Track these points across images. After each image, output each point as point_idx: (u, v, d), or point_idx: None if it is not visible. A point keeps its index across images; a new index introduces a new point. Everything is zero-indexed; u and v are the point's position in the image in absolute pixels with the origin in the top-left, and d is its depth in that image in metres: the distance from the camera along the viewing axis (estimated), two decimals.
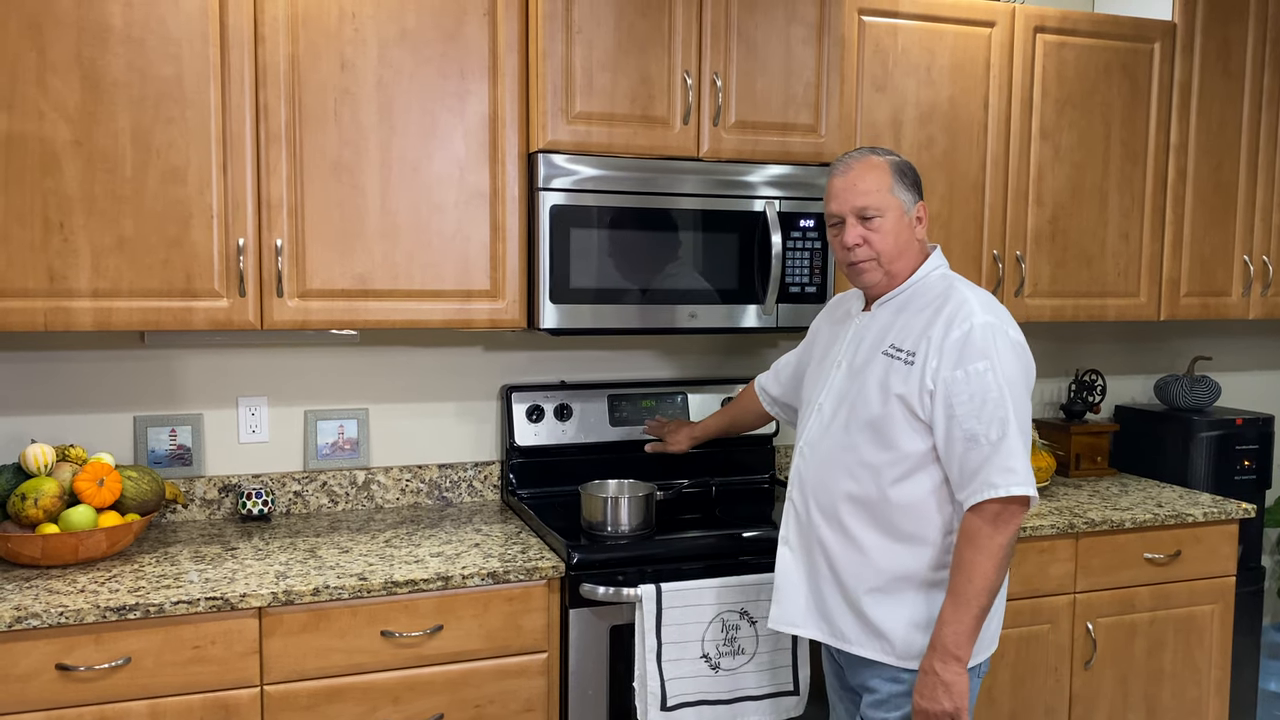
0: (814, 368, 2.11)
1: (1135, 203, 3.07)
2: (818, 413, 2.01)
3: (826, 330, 2.14)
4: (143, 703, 1.97)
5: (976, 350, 1.81)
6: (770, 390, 2.43)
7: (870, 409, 1.89)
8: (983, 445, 1.78)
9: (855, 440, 1.91)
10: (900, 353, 1.88)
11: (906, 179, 1.94)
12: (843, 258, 1.97)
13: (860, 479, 1.91)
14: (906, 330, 1.90)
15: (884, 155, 1.95)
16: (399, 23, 2.33)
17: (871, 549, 1.91)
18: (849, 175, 1.93)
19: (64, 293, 2.14)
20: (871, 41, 2.75)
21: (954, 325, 1.84)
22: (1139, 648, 2.79)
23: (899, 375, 1.87)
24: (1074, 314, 3.04)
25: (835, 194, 1.95)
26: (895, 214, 1.92)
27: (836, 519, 1.94)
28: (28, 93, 2.10)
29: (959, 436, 1.81)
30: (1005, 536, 1.79)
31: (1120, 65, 3.01)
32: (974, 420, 1.79)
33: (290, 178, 2.28)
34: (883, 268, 1.94)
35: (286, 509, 2.68)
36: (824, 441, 1.97)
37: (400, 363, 2.77)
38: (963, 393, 1.80)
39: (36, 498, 2.14)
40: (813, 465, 1.98)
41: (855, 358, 1.97)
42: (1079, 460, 3.23)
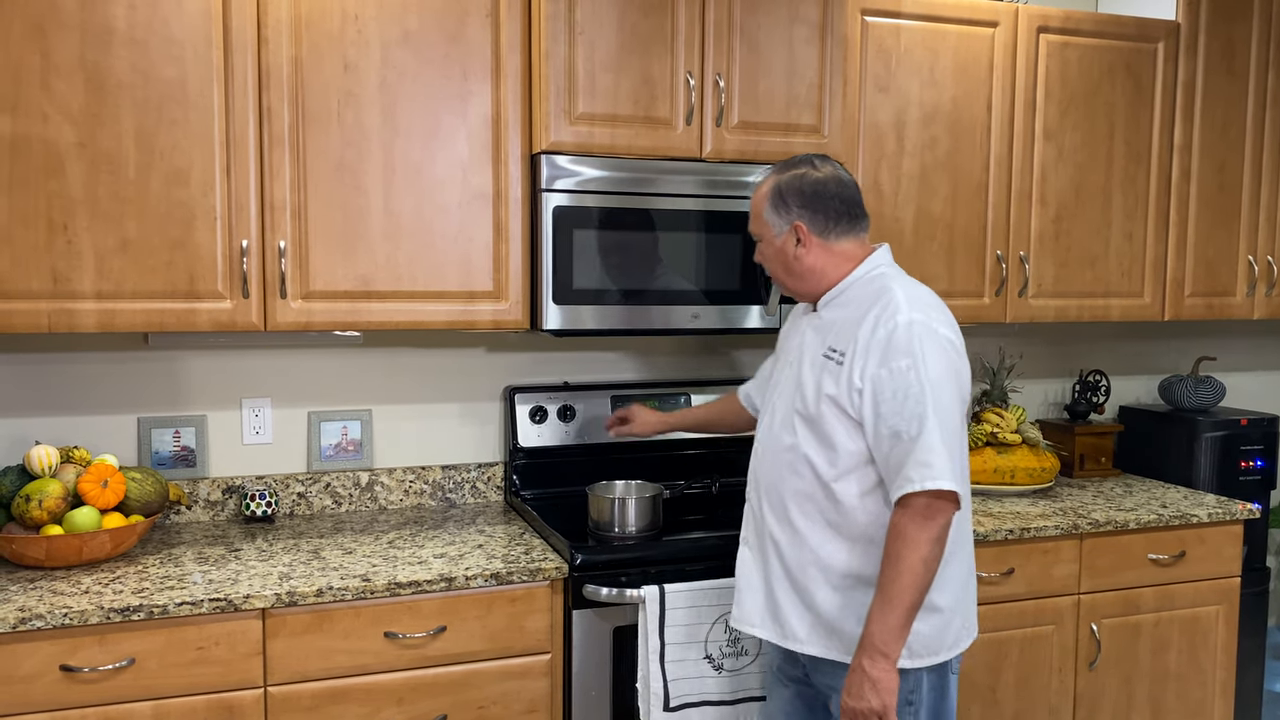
0: (776, 371, 2.12)
1: (1139, 203, 3.07)
2: (770, 412, 2.03)
3: (789, 331, 2.15)
4: (146, 704, 1.98)
5: (900, 348, 1.81)
6: (753, 396, 2.42)
7: (808, 408, 1.91)
8: (903, 440, 1.78)
9: (797, 437, 1.93)
10: (833, 354, 1.90)
11: (780, 204, 1.94)
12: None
13: (803, 474, 1.92)
14: (841, 331, 1.91)
15: (776, 175, 1.97)
16: (401, 24, 2.33)
17: (819, 545, 1.91)
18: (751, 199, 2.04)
19: (68, 294, 2.15)
20: (874, 42, 2.75)
21: (880, 324, 1.84)
22: (1143, 649, 2.78)
23: (831, 376, 1.89)
24: (1078, 314, 3.03)
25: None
26: (768, 239, 1.98)
27: (786, 516, 1.95)
28: (32, 95, 2.10)
29: (885, 434, 1.81)
30: (930, 532, 1.76)
31: (1124, 65, 3.00)
32: (897, 417, 1.79)
33: (293, 179, 2.28)
34: (787, 283, 2.01)
35: (290, 510, 2.68)
36: (774, 442, 1.98)
37: (403, 364, 2.77)
38: (886, 390, 1.81)
39: (41, 499, 2.14)
40: (764, 463, 2.00)
41: (803, 358, 1.98)
42: (1083, 461, 3.23)
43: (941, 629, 1.90)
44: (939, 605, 1.88)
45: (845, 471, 1.88)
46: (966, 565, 1.97)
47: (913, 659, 1.87)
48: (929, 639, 1.88)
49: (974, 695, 2.61)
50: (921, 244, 2.84)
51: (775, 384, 2.08)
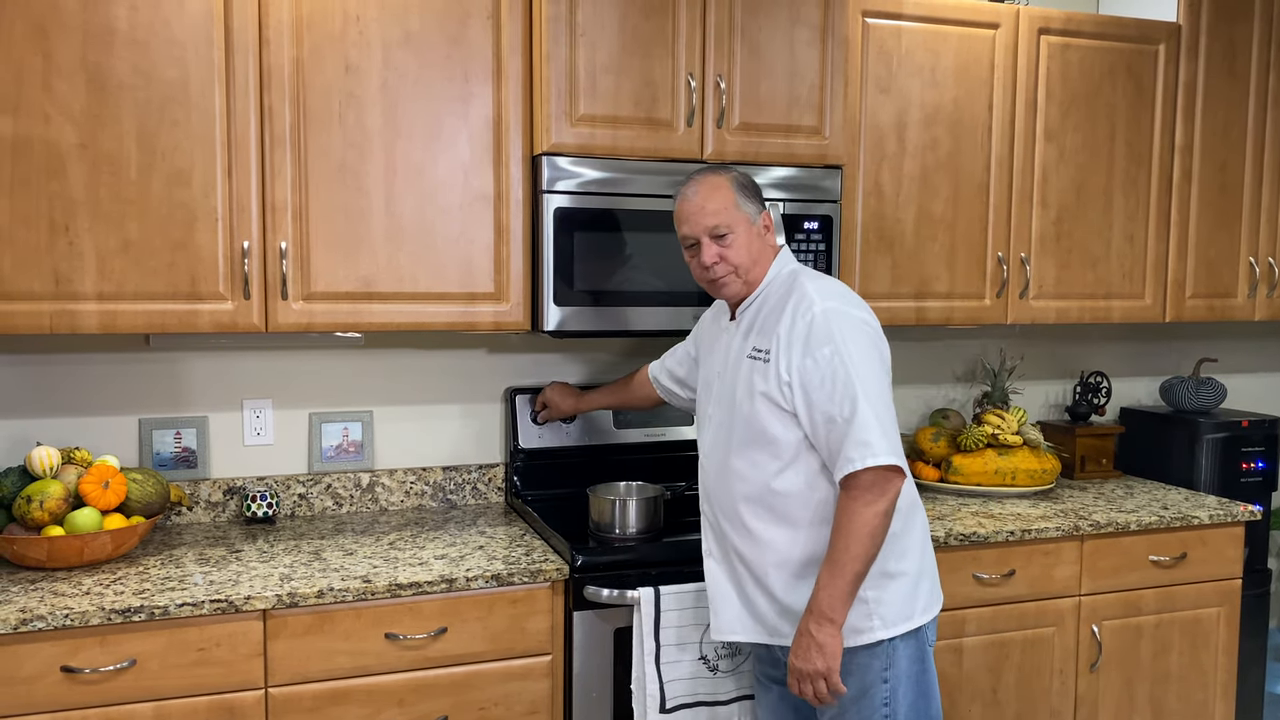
0: (703, 381, 2.17)
1: (1140, 204, 3.07)
2: (710, 424, 2.08)
3: (708, 339, 2.20)
4: (148, 705, 1.98)
5: (820, 337, 1.89)
6: (662, 379, 2.48)
7: (742, 410, 1.97)
8: (838, 424, 1.85)
9: (738, 443, 1.99)
10: (759, 353, 1.96)
11: (748, 192, 2.02)
12: (702, 275, 2.04)
13: (748, 478, 1.98)
14: (763, 331, 1.98)
15: (724, 173, 2.03)
16: (403, 26, 2.33)
17: (775, 541, 1.97)
18: (696, 199, 2.00)
19: (69, 295, 2.15)
20: (875, 43, 2.75)
21: (798, 317, 1.92)
22: (1145, 650, 2.78)
23: (760, 374, 1.95)
24: (1079, 316, 3.03)
25: (685, 218, 2.01)
26: (744, 227, 2.00)
27: (740, 521, 2.00)
28: (33, 96, 2.10)
29: (820, 420, 1.89)
30: (877, 506, 1.83)
31: (1125, 66, 3.00)
32: (828, 402, 1.87)
33: (295, 181, 2.28)
34: (741, 278, 2.01)
35: (291, 511, 2.68)
36: (716, 451, 2.04)
37: (404, 365, 2.77)
38: (813, 378, 1.88)
39: (42, 500, 2.14)
40: (712, 475, 2.06)
41: (728, 366, 2.05)
42: (1084, 462, 3.22)
43: (910, 594, 1.97)
44: (904, 570, 1.96)
45: (787, 463, 1.94)
46: (922, 530, 2.04)
47: (888, 627, 1.93)
48: (900, 605, 1.95)
49: (975, 696, 2.61)
50: (923, 245, 2.84)
51: (707, 396, 2.12)
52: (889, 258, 2.81)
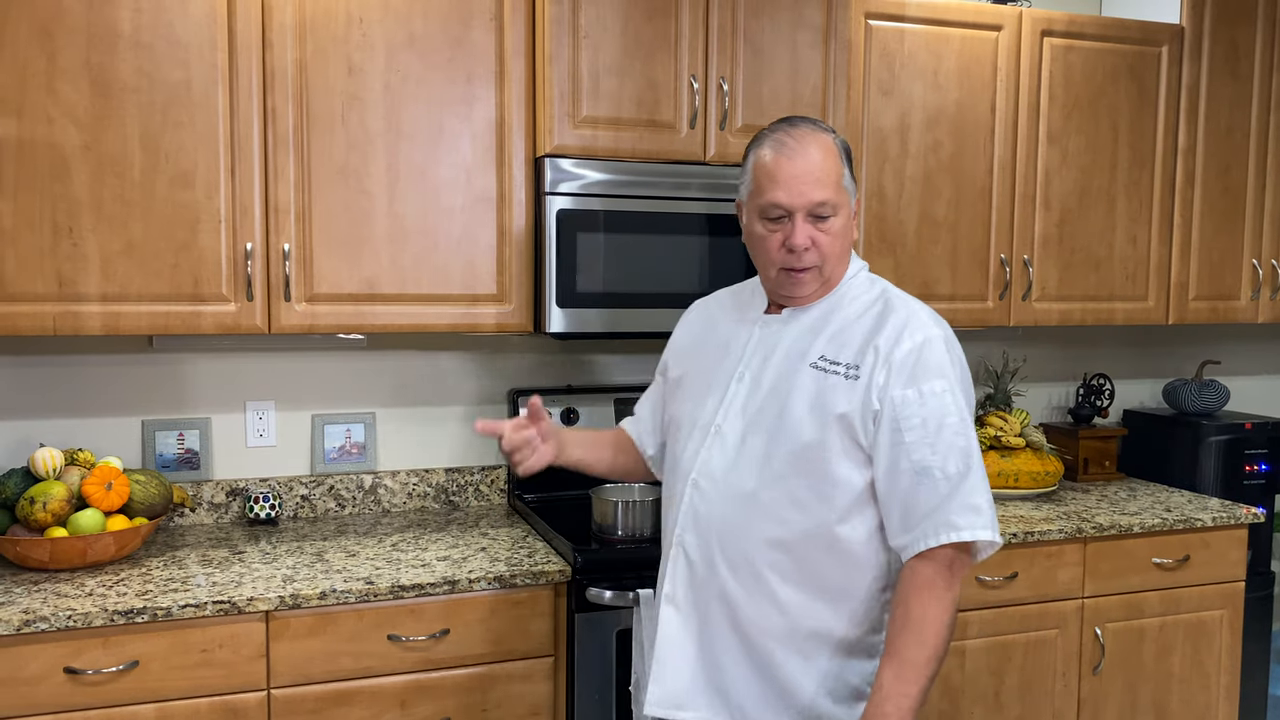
0: (693, 381, 1.74)
1: (1143, 206, 3.06)
2: (716, 438, 1.65)
3: (706, 334, 1.79)
4: (150, 706, 1.98)
5: (933, 367, 1.54)
6: (646, 441, 1.96)
7: (800, 434, 1.57)
8: (937, 480, 1.51)
9: (781, 473, 1.58)
10: (837, 366, 1.57)
11: (850, 164, 1.65)
12: (778, 260, 1.61)
13: (789, 522, 1.58)
14: (842, 339, 1.60)
15: (828, 132, 1.62)
16: (406, 28, 2.33)
17: (791, 606, 1.60)
18: (807, 160, 1.57)
19: (73, 297, 2.15)
20: (878, 45, 2.75)
21: (904, 336, 1.55)
22: (1148, 653, 2.77)
23: (841, 392, 1.55)
24: (1081, 318, 3.03)
25: (785, 180, 1.57)
26: (846, 211, 1.62)
27: (752, 571, 1.60)
28: (37, 98, 2.11)
29: (906, 469, 1.52)
30: (957, 590, 1.52)
31: (1127, 69, 3.00)
32: (927, 449, 1.51)
33: (298, 182, 2.29)
34: (823, 275, 1.62)
35: (294, 513, 2.69)
36: (734, 475, 1.61)
37: (407, 367, 2.78)
38: (914, 416, 1.52)
39: (45, 501, 2.15)
40: (718, 505, 1.62)
41: (765, 371, 1.64)
42: (1087, 465, 3.22)
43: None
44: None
45: (847, 513, 1.57)
46: None
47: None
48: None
49: (977, 699, 2.61)
50: (925, 247, 2.84)
51: (704, 400, 1.69)
52: (891, 259, 2.81)
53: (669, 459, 1.79)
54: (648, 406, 1.97)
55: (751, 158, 1.64)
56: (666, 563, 1.71)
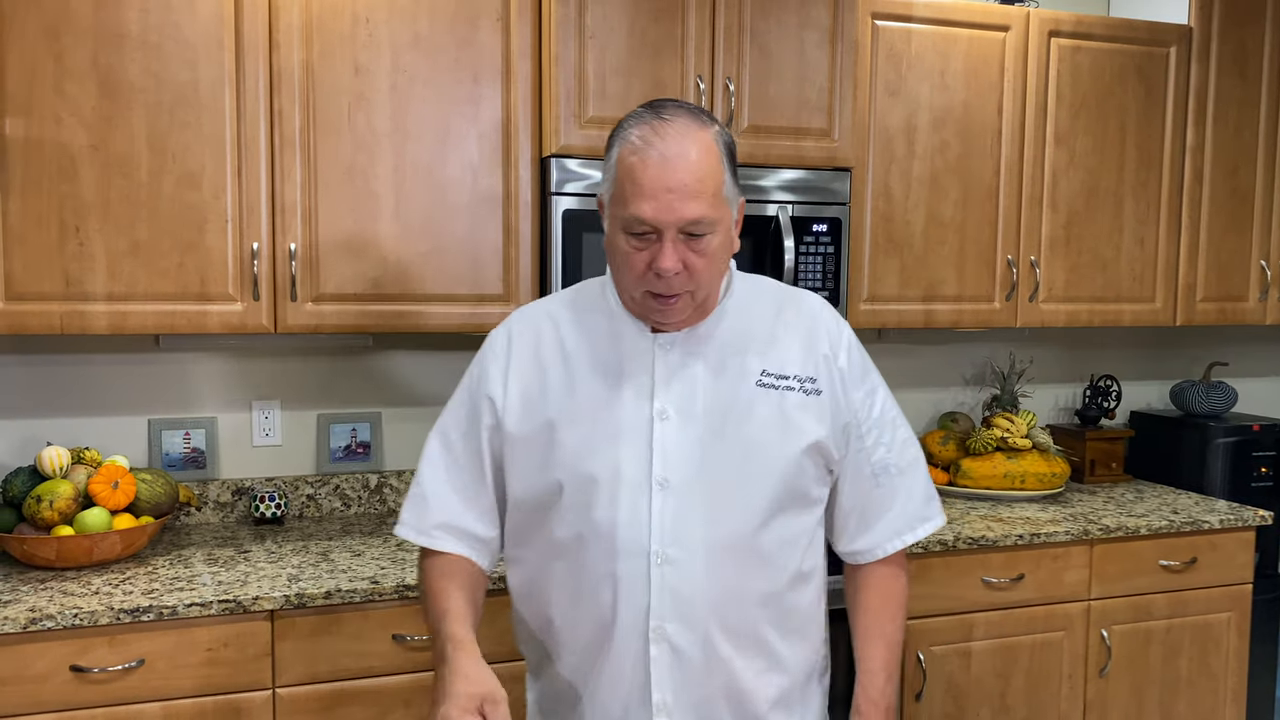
0: (577, 428, 1.38)
1: (1151, 208, 3.05)
2: (664, 496, 1.35)
3: (570, 365, 1.42)
4: (156, 705, 1.98)
5: (864, 363, 1.48)
6: (484, 558, 1.49)
7: (778, 466, 1.38)
8: (894, 476, 1.47)
9: (767, 517, 1.38)
10: (788, 380, 1.40)
11: (735, 166, 1.36)
12: (642, 283, 1.33)
13: (783, 566, 1.40)
14: (775, 347, 1.42)
15: (710, 124, 1.33)
16: (412, 28, 2.34)
17: (788, 659, 1.43)
18: (678, 166, 1.28)
19: (80, 296, 2.16)
20: (885, 45, 2.74)
21: (837, 334, 1.46)
22: (1154, 655, 2.77)
23: (809, 411, 1.39)
24: (1089, 319, 3.02)
25: (652, 192, 1.28)
26: (726, 226, 1.34)
27: (755, 639, 1.40)
28: (45, 98, 2.11)
29: (867, 474, 1.45)
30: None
31: (1135, 69, 2.99)
32: (884, 449, 1.46)
33: (304, 182, 2.29)
34: (695, 301, 1.36)
35: (299, 512, 2.69)
36: (715, 535, 1.36)
37: (412, 367, 2.78)
38: (869, 418, 1.45)
39: (52, 500, 2.15)
40: (703, 575, 1.36)
41: (693, 402, 1.38)
42: (1094, 466, 3.21)
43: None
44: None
45: (811, 541, 1.45)
46: None
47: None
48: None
49: (983, 701, 2.60)
50: (931, 248, 2.83)
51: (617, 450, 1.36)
52: (898, 260, 2.80)
53: (560, 535, 1.39)
54: (453, 489, 1.46)
55: (615, 150, 1.33)
56: (626, 667, 1.37)
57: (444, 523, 1.47)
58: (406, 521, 1.50)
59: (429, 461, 1.50)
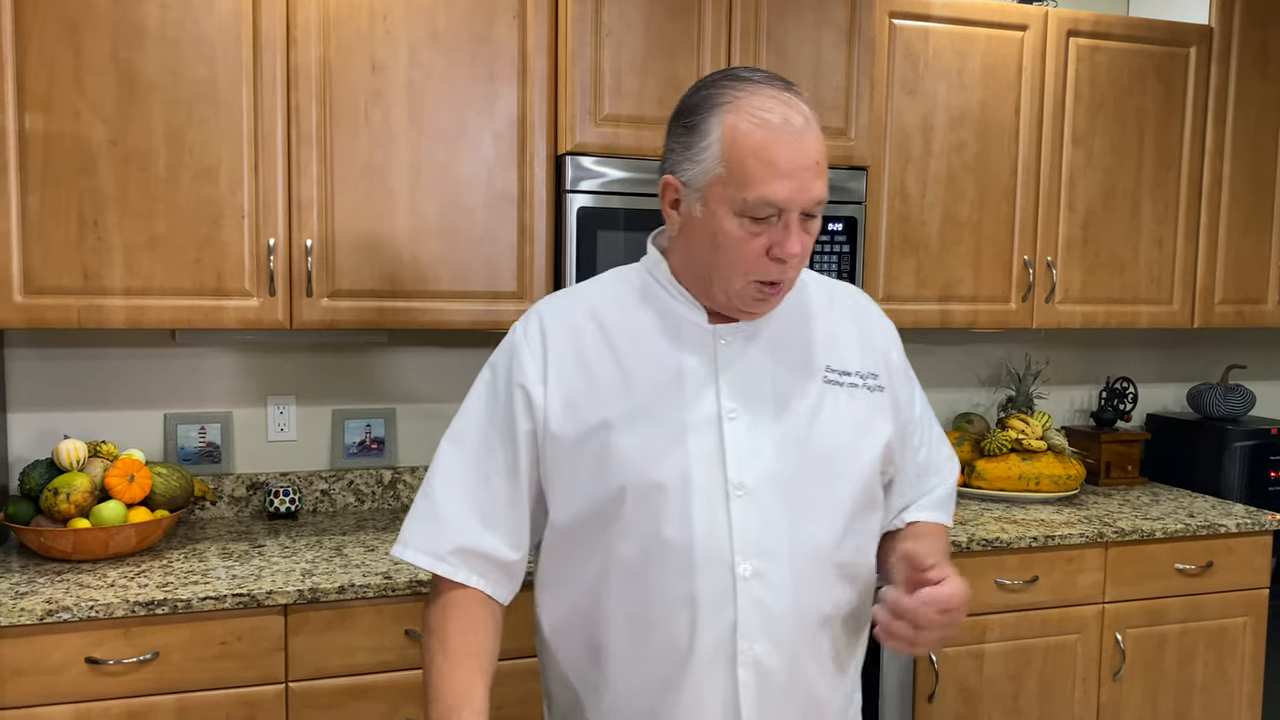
0: (635, 430, 1.25)
1: (1169, 209, 3.03)
2: (746, 503, 1.23)
3: (620, 360, 1.28)
4: (170, 697, 1.99)
5: (906, 359, 1.42)
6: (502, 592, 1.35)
7: (857, 467, 1.29)
8: (930, 475, 1.45)
9: (850, 522, 1.30)
10: (851, 376, 1.32)
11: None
12: (755, 270, 1.21)
13: (854, 573, 1.32)
14: (833, 340, 1.33)
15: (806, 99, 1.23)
16: (429, 25, 2.34)
17: (850, 664, 1.37)
18: (809, 140, 1.18)
19: (97, 290, 2.17)
20: (902, 44, 2.73)
21: (886, 329, 1.40)
22: (1169, 659, 2.75)
23: (876, 408, 1.32)
24: (1105, 321, 3.00)
25: (788, 170, 1.16)
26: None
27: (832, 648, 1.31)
28: (65, 92, 2.13)
29: (912, 475, 1.41)
30: None
31: (1154, 69, 2.97)
32: (925, 449, 1.42)
33: (320, 178, 2.30)
34: (790, 289, 1.29)
35: (313, 507, 2.70)
36: (801, 544, 1.25)
37: (427, 363, 2.78)
38: (913, 417, 1.40)
39: (68, 493, 2.17)
40: (791, 590, 1.25)
41: (760, 400, 1.27)
42: (1109, 469, 3.19)
43: None
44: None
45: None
46: None
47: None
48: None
49: (996, 703, 2.59)
50: (947, 248, 2.82)
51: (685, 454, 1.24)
52: (914, 260, 2.79)
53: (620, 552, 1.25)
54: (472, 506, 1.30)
55: (716, 121, 1.19)
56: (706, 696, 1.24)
57: (462, 547, 1.29)
58: (414, 544, 1.30)
59: (443, 474, 1.32)
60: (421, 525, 1.31)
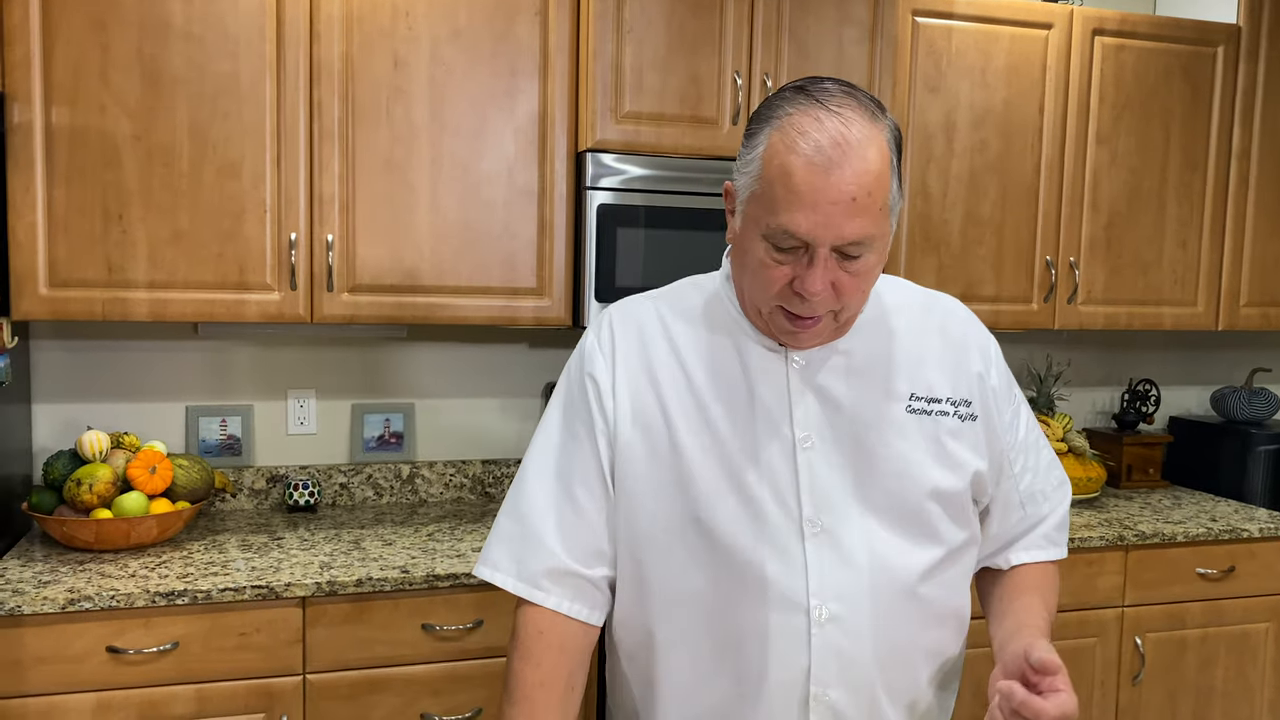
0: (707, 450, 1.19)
1: (1194, 210, 3.00)
2: (822, 542, 1.17)
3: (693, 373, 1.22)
4: (189, 687, 2.01)
5: (1009, 378, 1.31)
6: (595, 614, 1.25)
7: (940, 504, 1.21)
8: (1039, 503, 1.33)
9: (936, 563, 1.22)
10: (940, 404, 1.22)
11: (901, 162, 1.14)
12: (776, 298, 1.14)
13: (941, 615, 1.25)
14: (921, 364, 1.23)
15: (881, 117, 1.12)
16: (451, 22, 2.35)
17: (938, 711, 1.30)
18: (848, 175, 1.06)
19: (121, 283, 2.19)
20: (925, 42, 2.72)
21: (987, 347, 1.29)
22: (1189, 664, 2.72)
23: (964, 439, 1.23)
24: (1128, 322, 2.98)
25: (812, 203, 1.07)
26: (884, 242, 1.13)
27: (917, 694, 1.25)
28: (91, 87, 2.15)
29: (1015, 503, 1.30)
30: None
31: (1181, 69, 2.94)
32: (1030, 475, 1.31)
33: (342, 174, 2.31)
34: (838, 322, 1.17)
35: (332, 500, 2.72)
36: (881, 588, 1.19)
37: (446, 358, 2.79)
38: (1014, 443, 1.29)
39: (91, 483, 2.19)
40: (870, 636, 1.18)
41: (837, 429, 1.20)
42: (1130, 471, 3.17)
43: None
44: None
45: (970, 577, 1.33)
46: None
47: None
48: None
49: None
50: (969, 247, 2.80)
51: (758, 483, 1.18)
52: (935, 259, 2.78)
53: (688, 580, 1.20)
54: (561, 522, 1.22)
55: (764, 137, 1.12)
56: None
57: (555, 569, 1.21)
58: (501, 566, 1.23)
59: (525, 491, 1.25)
60: (506, 544, 1.24)
